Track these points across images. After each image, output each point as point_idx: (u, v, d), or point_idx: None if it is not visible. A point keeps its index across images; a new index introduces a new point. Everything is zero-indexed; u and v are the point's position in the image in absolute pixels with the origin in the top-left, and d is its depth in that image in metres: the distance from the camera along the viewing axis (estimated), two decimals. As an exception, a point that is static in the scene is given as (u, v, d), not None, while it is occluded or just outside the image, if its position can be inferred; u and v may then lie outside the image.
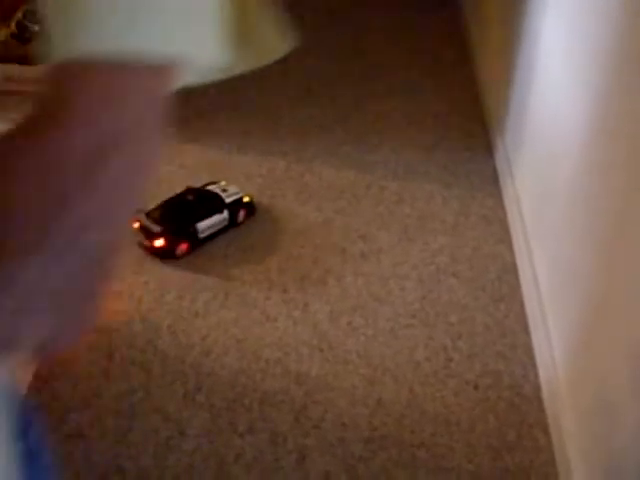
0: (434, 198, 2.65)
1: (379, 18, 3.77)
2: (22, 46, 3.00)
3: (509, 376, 2.06)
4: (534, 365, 2.09)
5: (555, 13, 2.23)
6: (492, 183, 2.72)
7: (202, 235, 2.39)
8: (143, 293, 2.24)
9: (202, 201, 2.43)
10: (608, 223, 1.71)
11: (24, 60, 2.98)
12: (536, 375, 2.06)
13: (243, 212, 2.51)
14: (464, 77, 3.31)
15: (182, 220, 2.37)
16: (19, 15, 3.03)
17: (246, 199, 2.53)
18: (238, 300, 2.23)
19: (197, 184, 2.54)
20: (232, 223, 2.48)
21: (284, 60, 2.25)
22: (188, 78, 0.52)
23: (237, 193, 2.50)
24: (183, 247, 2.35)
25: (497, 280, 2.36)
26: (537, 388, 2.03)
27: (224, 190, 2.49)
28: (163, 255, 2.33)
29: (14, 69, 2.95)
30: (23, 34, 3.01)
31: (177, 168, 2.70)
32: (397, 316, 2.22)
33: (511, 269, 2.39)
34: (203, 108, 3.01)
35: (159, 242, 2.32)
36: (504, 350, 2.14)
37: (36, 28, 3.00)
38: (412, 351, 2.12)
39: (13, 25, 3.01)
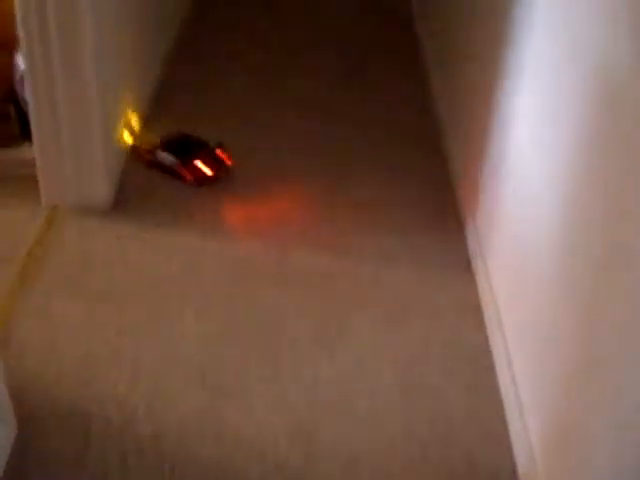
0: (409, 283, 2.67)
1: (348, 102, 3.82)
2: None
3: (485, 465, 2.06)
4: (511, 453, 2.09)
5: (527, 93, 2.28)
6: (465, 267, 2.75)
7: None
8: (119, 378, 2.22)
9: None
10: (584, 304, 1.73)
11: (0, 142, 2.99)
12: (514, 464, 2.06)
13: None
14: (435, 159, 3.36)
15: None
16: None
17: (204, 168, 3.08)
18: (214, 386, 2.23)
19: (172, 268, 2.55)
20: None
21: (257, 153, 2.24)
22: None
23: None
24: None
25: (472, 366, 2.36)
26: (515, 477, 2.03)
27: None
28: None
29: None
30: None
31: (153, 252, 2.70)
32: (374, 401, 2.22)
33: (486, 354, 2.40)
34: (177, 192, 3.02)
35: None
36: (480, 438, 2.14)
37: (12, 110, 3.01)
38: (390, 437, 2.11)
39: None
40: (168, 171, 3.13)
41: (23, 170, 2.97)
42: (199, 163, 3.08)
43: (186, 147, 3.16)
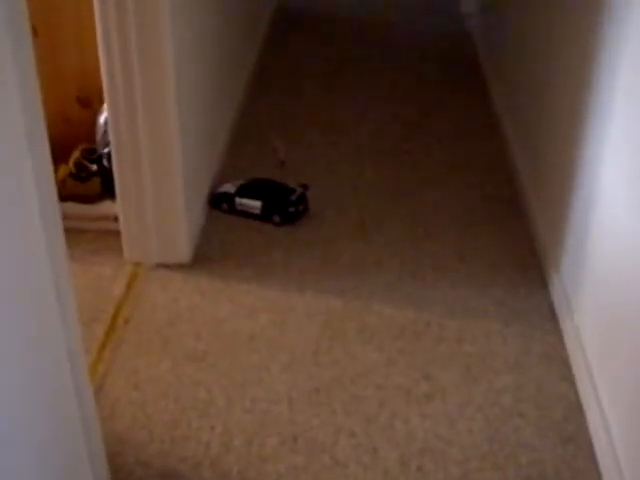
0: (493, 336, 2.65)
1: (426, 155, 3.82)
2: (80, 184, 3.06)
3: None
4: (609, 512, 2.06)
5: (618, 139, 2.25)
6: (551, 319, 2.72)
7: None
8: (210, 438, 2.23)
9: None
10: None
11: (82, 199, 3.04)
12: (613, 521, 2.03)
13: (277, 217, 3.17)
14: (514, 210, 3.34)
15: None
16: (77, 154, 3.10)
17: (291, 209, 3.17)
18: (306, 444, 2.22)
19: (257, 324, 2.62)
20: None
21: (339, 196, 2.28)
22: None
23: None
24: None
25: (563, 420, 2.34)
26: (615, 535, 2.00)
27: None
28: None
29: (72, 207, 3.01)
30: (80, 173, 3.07)
31: (237, 307, 2.72)
32: (467, 459, 2.20)
33: (577, 408, 2.38)
34: (259, 246, 3.05)
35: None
36: (577, 494, 2.11)
37: (94, 167, 3.06)
38: (485, 496, 2.09)
39: (71, 164, 3.07)
40: (251, 216, 3.20)
41: (105, 226, 3.02)
42: (291, 208, 3.17)
43: (266, 191, 3.23)
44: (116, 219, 2.90)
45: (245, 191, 3.24)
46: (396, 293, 2.83)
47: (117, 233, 2.91)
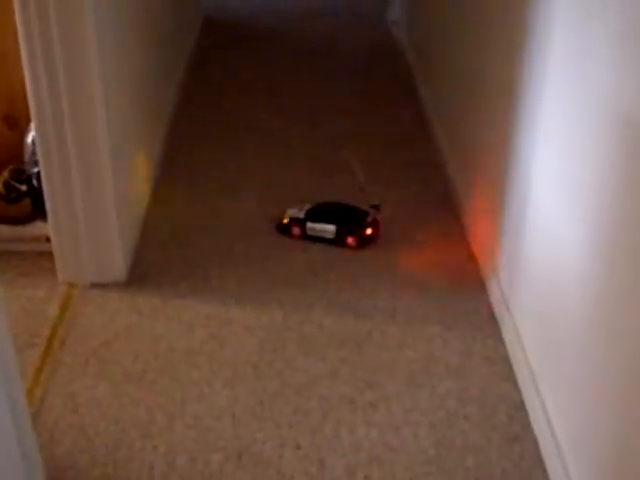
0: (435, 340, 2.65)
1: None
2: (10, 206, 3.00)
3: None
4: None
5: (548, 138, 2.27)
6: (490, 321, 2.73)
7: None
8: (154, 458, 2.19)
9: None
10: (628, 356, 1.70)
11: (13, 220, 2.98)
12: (563, 519, 2.03)
13: (352, 240, 3.11)
14: (450, 215, 3.35)
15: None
16: (5, 175, 3.04)
17: (368, 232, 3.11)
18: (252, 459, 2.19)
19: (196, 340, 2.59)
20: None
21: (275, 210, 2.27)
22: None
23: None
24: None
25: (508, 420, 2.34)
26: (565, 533, 2.00)
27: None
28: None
29: (2, 229, 2.95)
30: (10, 194, 3.01)
31: (175, 324, 2.68)
32: (414, 465, 2.19)
33: (520, 408, 2.38)
34: (195, 262, 3.01)
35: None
36: (526, 494, 2.11)
37: (23, 188, 3.01)
38: (434, 501, 2.08)
39: (0, 185, 3.01)
40: (324, 240, 3.15)
41: (37, 247, 2.97)
42: (367, 229, 3.14)
43: (337, 214, 3.19)
44: (48, 240, 2.85)
45: (315, 215, 3.17)
46: (335, 303, 2.81)
47: (50, 254, 2.85)
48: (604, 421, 1.84)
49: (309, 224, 3.16)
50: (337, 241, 3.13)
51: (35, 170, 2.89)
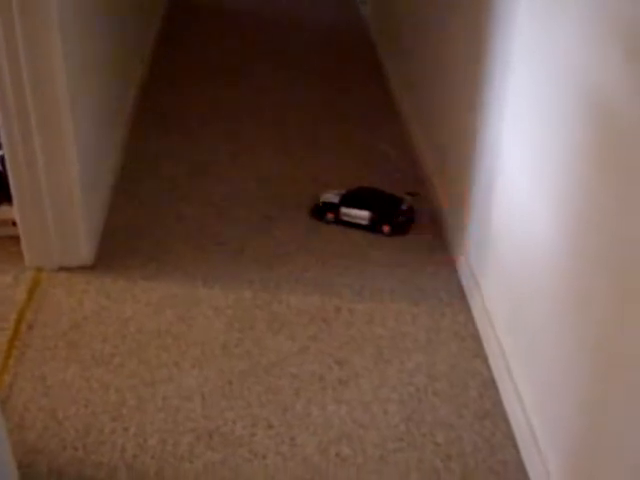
0: (403, 316, 2.65)
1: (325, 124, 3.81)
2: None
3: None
4: (530, 484, 2.08)
5: (516, 113, 2.27)
6: (460, 297, 2.74)
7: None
8: (124, 439, 2.18)
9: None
10: (597, 329, 1.71)
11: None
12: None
13: (387, 227, 3.07)
14: (420, 189, 3.35)
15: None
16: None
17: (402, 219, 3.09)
18: (223, 439, 2.19)
19: (164, 321, 2.58)
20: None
21: (244, 190, 2.29)
22: None
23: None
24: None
25: (478, 396, 2.36)
26: (535, 506, 2.01)
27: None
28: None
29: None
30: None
31: (143, 306, 2.67)
32: (384, 441, 2.20)
33: (490, 384, 2.39)
34: (164, 243, 3.00)
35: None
36: (496, 467, 2.12)
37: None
38: (404, 476, 2.09)
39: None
40: (358, 226, 3.12)
41: (3, 231, 2.94)
42: (401, 218, 3.10)
43: (373, 200, 3.15)
44: (14, 224, 2.82)
45: (350, 200, 3.14)
46: (303, 281, 2.81)
47: (16, 238, 2.83)
48: (574, 395, 1.85)
49: (343, 209, 3.13)
50: (372, 228, 3.11)
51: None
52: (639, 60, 1.52)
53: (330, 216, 3.14)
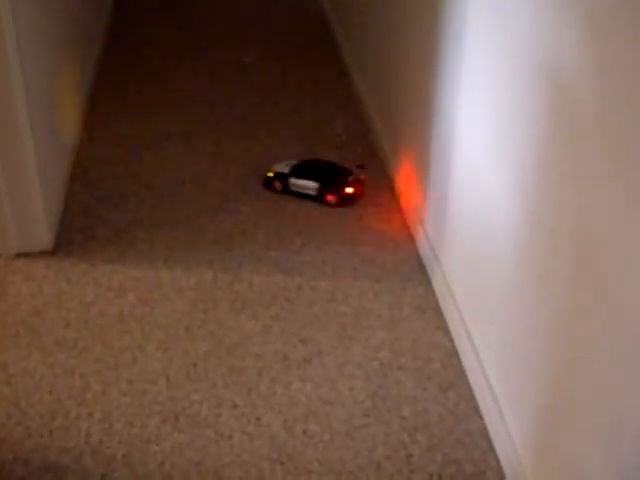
0: (366, 293, 2.66)
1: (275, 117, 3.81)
2: None
3: (471, 464, 2.07)
4: (493, 450, 2.10)
5: (471, 87, 2.28)
6: (419, 271, 2.75)
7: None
8: (90, 424, 2.17)
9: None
10: (556, 295, 1.73)
11: None
12: (497, 460, 2.07)
13: (332, 197, 3.13)
14: (372, 161, 3.36)
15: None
16: None
17: (349, 190, 3.11)
18: (189, 421, 2.19)
19: (126, 304, 2.58)
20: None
21: (198, 170, 2.28)
22: None
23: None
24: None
25: (442, 368, 2.37)
26: (500, 474, 2.03)
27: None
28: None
29: None
30: None
31: (104, 290, 2.65)
32: (351, 417, 2.21)
33: (453, 355, 2.41)
34: (121, 226, 2.98)
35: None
36: (462, 438, 2.14)
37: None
38: (371, 451, 2.10)
39: None
40: (306, 197, 3.17)
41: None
42: (348, 188, 3.14)
43: (322, 172, 3.20)
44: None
45: (299, 171, 3.19)
46: (264, 260, 2.82)
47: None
48: (535, 362, 1.87)
49: (292, 180, 3.18)
50: (319, 198, 3.14)
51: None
52: (592, 29, 1.53)
53: (278, 185, 3.19)
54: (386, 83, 3.42)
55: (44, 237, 2.83)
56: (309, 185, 3.15)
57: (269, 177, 3.22)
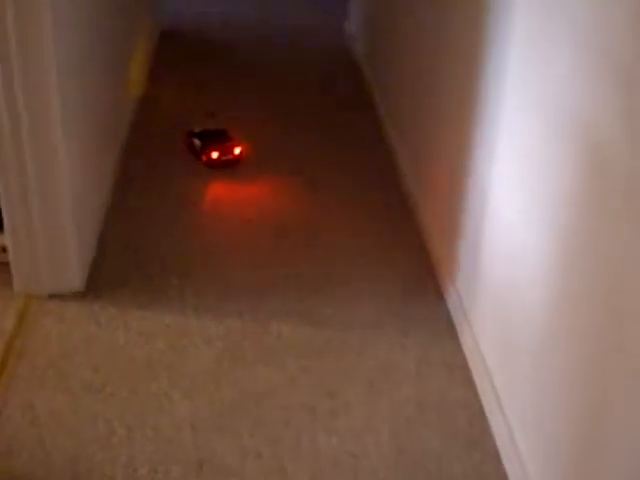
0: (393, 347, 2.66)
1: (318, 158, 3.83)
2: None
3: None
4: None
5: (507, 142, 2.29)
6: (448, 328, 2.74)
7: None
8: (114, 470, 2.17)
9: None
10: (586, 356, 1.72)
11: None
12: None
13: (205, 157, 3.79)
14: (407, 222, 3.37)
15: None
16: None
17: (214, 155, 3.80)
18: (213, 470, 2.18)
19: (155, 350, 2.58)
20: None
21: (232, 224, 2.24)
22: None
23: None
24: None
25: (468, 426, 2.36)
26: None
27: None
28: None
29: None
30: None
31: (134, 335, 2.66)
32: (376, 471, 2.20)
33: (480, 413, 2.40)
34: (154, 273, 3.00)
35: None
36: (487, 499, 2.12)
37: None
38: (395, 508, 2.09)
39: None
40: (194, 153, 3.85)
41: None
42: (214, 153, 3.77)
43: (214, 136, 3.88)
44: (5, 250, 2.82)
45: (201, 134, 3.89)
46: (294, 312, 2.81)
47: (6, 265, 2.82)
48: (562, 425, 1.86)
49: (194, 139, 3.87)
50: (198, 156, 3.82)
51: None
52: (628, 95, 1.53)
53: (188, 141, 3.91)
54: (418, 133, 3.43)
55: (76, 279, 2.85)
56: (196, 143, 3.84)
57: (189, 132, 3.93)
